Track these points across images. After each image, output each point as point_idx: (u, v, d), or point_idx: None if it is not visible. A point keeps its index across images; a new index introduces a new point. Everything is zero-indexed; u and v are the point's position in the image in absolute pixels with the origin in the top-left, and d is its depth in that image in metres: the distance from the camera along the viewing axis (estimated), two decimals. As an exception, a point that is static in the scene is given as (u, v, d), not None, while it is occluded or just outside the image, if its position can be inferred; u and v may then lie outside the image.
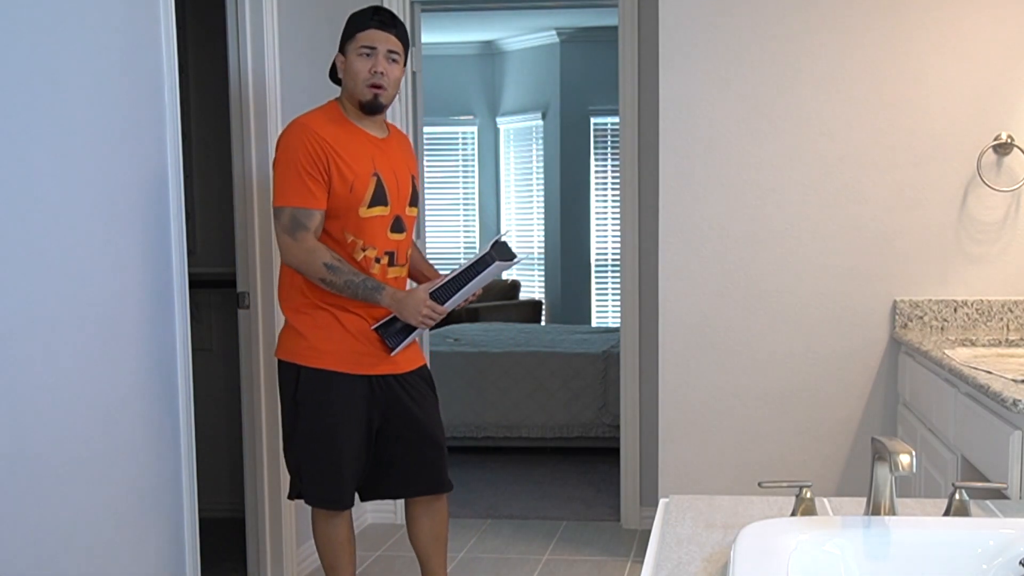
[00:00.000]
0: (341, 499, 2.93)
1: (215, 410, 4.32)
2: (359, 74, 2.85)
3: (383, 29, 2.87)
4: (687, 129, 3.45)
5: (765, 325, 3.45)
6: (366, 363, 2.90)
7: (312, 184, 2.79)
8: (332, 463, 2.89)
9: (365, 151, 2.88)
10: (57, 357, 2.35)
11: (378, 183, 2.88)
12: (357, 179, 2.84)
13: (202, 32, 4.35)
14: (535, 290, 8.64)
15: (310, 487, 2.93)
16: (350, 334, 2.88)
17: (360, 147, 2.88)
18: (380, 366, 2.92)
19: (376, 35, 2.86)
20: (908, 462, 1.18)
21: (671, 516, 1.42)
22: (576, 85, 8.26)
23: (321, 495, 2.93)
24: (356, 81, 2.86)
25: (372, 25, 2.86)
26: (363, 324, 2.89)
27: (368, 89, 2.86)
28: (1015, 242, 3.34)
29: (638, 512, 4.36)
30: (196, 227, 4.40)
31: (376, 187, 2.88)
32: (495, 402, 5.59)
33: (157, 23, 2.76)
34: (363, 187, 2.85)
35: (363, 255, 2.88)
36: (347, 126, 2.89)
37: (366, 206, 2.86)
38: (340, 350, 2.87)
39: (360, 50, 2.85)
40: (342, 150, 2.83)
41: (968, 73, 3.33)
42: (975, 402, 2.44)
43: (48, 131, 2.32)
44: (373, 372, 2.91)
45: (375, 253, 2.89)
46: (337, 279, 2.79)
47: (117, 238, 2.58)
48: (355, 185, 2.83)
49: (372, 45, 2.85)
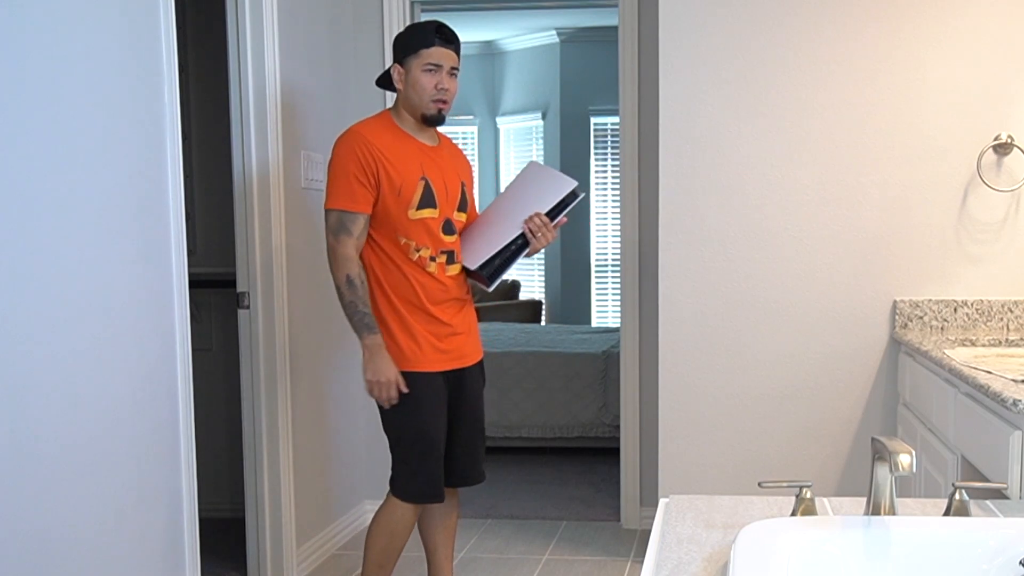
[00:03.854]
0: (436, 492, 3.07)
1: (215, 410, 4.33)
2: (425, 89, 3.01)
3: (447, 47, 3.04)
4: (687, 129, 3.45)
5: (765, 325, 3.45)
6: (443, 359, 3.06)
7: (359, 189, 2.95)
8: (428, 459, 3.04)
9: (414, 157, 3.03)
10: (57, 357, 2.35)
11: (426, 187, 3.02)
12: (405, 183, 2.98)
13: (202, 32, 4.35)
14: (535, 290, 8.64)
15: (406, 485, 3.05)
16: (426, 335, 3.03)
17: (410, 154, 3.03)
18: (454, 362, 3.09)
19: (441, 52, 3.02)
20: (908, 462, 1.18)
21: (671, 516, 1.42)
22: (576, 85, 8.26)
23: (417, 490, 3.05)
24: (422, 96, 3.02)
25: (438, 43, 3.02)
26: (434, 324, 3.04)
27: (433, 104, 3.03)
28: (1015, 242, 3.34)
29: (638, 512, 4.36)
30: (196, 227, 4.40)
31: (424, 190, 3.01)
32: (495, 402, 5.59)
33: (157, 23, 2.76)
34: (411, 190, 2.99)
35: (417, 255, 3.02)
36: (399, 135, 3.04)
37: (415, 208, 2.99)
38: (421, 351, 3.02)
39: (426, 66, 3.01)
40: (392, 156, 2.98)
41: (968, 73, 3.33)
42: (975, 402, 2.44)
43: (48, 131, 2.32)
44: (447, 368, 3.08)
45: (429, 252, 3.03)
46: (348, 294, 2.95)
47: (117, 238, 2.58)
48: (403, 189, 2.98)
49: (438, 63, 3.02)
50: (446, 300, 3.06)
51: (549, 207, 3.07)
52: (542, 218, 3.04)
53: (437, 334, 3.04)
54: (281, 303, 3.63)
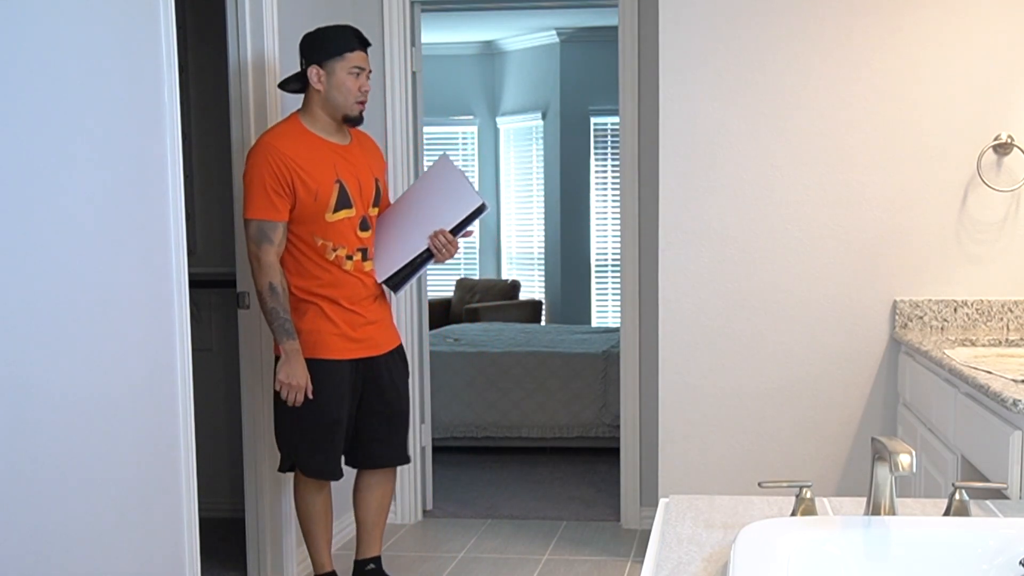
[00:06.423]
0: (335, 471, 3.30)
1: (215, 410, 4.32)
2: (351, 91, 3.19)
3: (365, 51, 3.23)
4: (687, 129, 3.45)
5: (765, 325, 3.45)
6: (351, 348, 3.26)
7: (276, 199, 3.12)
8: (327, 440, 3.25)
9: (327, 160, 3.20)
10: (57, 357, 2.35)
11: (341, 189, 3.20)
12: (321, 188, 3.15)
13: (202, 32, 4.35)
14: (535, 290, 8.64)
15: (308, 461, 3.27)
16: (335, 324, 3.22)
17: (322, 157, 3.19)
18: (363, 350, 3.29)
19: (362, 56, 3.22)
20: (908, 462, 1.18)
21: (671, 516, 1.42)
22: (576, 85, 8.26)
23: (318, 468, 3.28)
24: (347, 97, 3.19)
25: (359, 47, 3.20)
26: (347, 314, 3.24)
27: (356, 105, 3.22)
28: (1015, 242, 3.34)
29: (638, 512, 4.36)
30: (196, 227, 4.39)
31: (340, 193, 3.20)
32: (495, 402, 5.59)
33: (157, 23, 2.76)
34: (327, 194, 3.16)
35: (334, 255, 3.21)
36: (310, 140, 3.20)
37: (331, 211, 3.18)
38: (328, 340, 3.22)
39: (352, 69, 3.18)
40: (305, 163, 3.14)
41: (968, 73, 3.33)
42: (975, 402, 2.44)
43: (47, 131, 2.32)
44: (357, 356, 3.27)
45: (345, 252, 3.22)
46: (269, 302, 3.13)
47: (117, 238, 2.58)
48: (319, 193, 3.15)
49: (361, 66, 3.20)
50: (364, 297, 3.27)
51: (454, 224, 3.28)
52: (446, 235, 3.25)
53: (352, 323, 3.24)
54: (281, 303, 3.63)
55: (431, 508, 4.62)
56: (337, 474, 3.31)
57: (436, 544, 4.14)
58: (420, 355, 4.47)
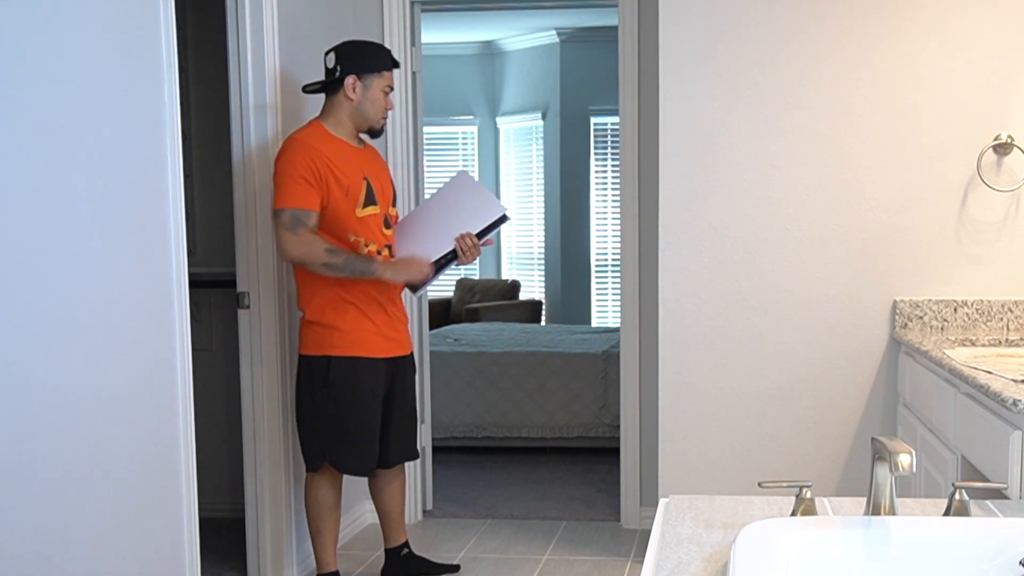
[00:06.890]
0: (371, 465, 3.44)
1: (215, 410, 4.32)
2: (381, 107, 3.40)
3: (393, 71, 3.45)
4: (687, 129, 3.45)
5: (765, 325, 3.45)
6: (388, 347, 3.42)
7: (309, 190, 3.22)
8: (366, 435, 3.39)
9: (353, 160, 3.36)
10: (57, 357, 2.35)
11: (368, 186, 3.36)
12: (352, 183, 3.30)
13: (202, 31, 4.35)
14: (535, 290, 8.64)
15: (345, 457, 3.39)
16: (374, 323, 3.37)
17: (349, 157, 3.35)
18: (396, 349, 3.45)
19: (393, 77, 3.45)
20: (908, 462, 1.18)
21: (671, 516, 1.42)
22: (576, 85, 8.25)
23: (357, 463, 3.42)
24: (378, 112, 3.40)
25: (393, 67, 3.42)
26: (384, 314, 3.39)
27: (382, 119, 3.43)
28: (1015, 242, 3.34)
29: (638, 512, 4.36)
30: (196, 227, 4.39)
31: (367, 189, 3.36)
32: (495, 402, 5.59)
33: (157, 23, 2.76)
34: (357, 189, 3.31)
35: (366, 251, 3.34)
36: (334, 142, 3.34)
37: (361, 206, 3.32)
38: (369, 339, 3.36)
39: (385, 88, 3.40)
40: (337, 160, 3.29)
41: (968, 73, 3.33)
42: (975, 402, 2.44)
43: (47, 131, 2.32)
44: (392, 355, 3.44)
45: (376, 247, 3.36)
46: (338, 260, 3.23)
47: (117, 238, 2.58)
48: (351, 188, 3.29)
49: (392, 86, 3.44)
50: (396, 295, 3.45)
51: (480, 229, 3.42)
52: (472, 239, 3.40)
53: (388, 322, 3.40)
54: (281, 303, 3.63)
55: (431, 508, 4.62)
56: (372, 469, 3.45)
57: (436, 544, 4.14)
58: (420, 355, 4.47)
